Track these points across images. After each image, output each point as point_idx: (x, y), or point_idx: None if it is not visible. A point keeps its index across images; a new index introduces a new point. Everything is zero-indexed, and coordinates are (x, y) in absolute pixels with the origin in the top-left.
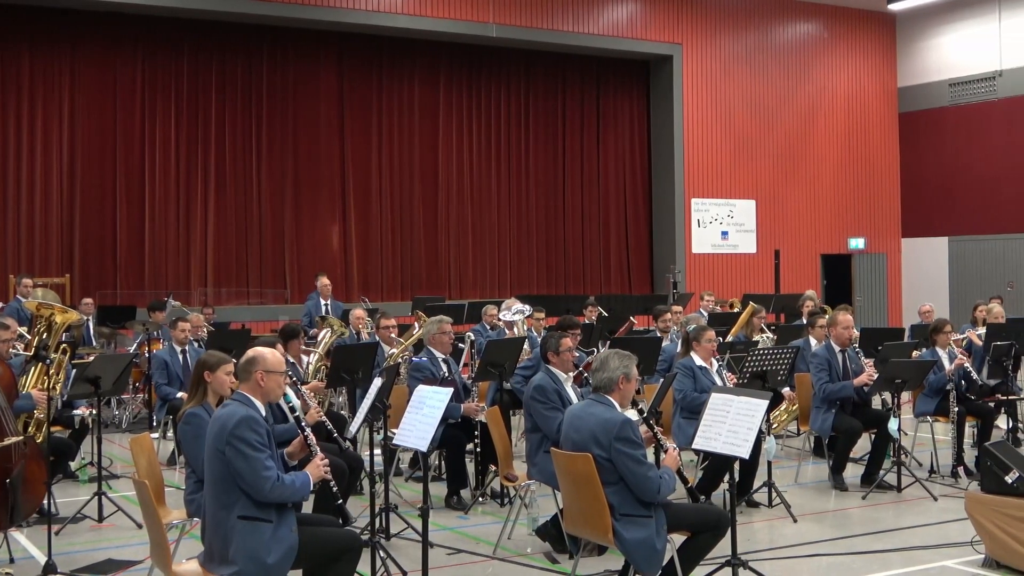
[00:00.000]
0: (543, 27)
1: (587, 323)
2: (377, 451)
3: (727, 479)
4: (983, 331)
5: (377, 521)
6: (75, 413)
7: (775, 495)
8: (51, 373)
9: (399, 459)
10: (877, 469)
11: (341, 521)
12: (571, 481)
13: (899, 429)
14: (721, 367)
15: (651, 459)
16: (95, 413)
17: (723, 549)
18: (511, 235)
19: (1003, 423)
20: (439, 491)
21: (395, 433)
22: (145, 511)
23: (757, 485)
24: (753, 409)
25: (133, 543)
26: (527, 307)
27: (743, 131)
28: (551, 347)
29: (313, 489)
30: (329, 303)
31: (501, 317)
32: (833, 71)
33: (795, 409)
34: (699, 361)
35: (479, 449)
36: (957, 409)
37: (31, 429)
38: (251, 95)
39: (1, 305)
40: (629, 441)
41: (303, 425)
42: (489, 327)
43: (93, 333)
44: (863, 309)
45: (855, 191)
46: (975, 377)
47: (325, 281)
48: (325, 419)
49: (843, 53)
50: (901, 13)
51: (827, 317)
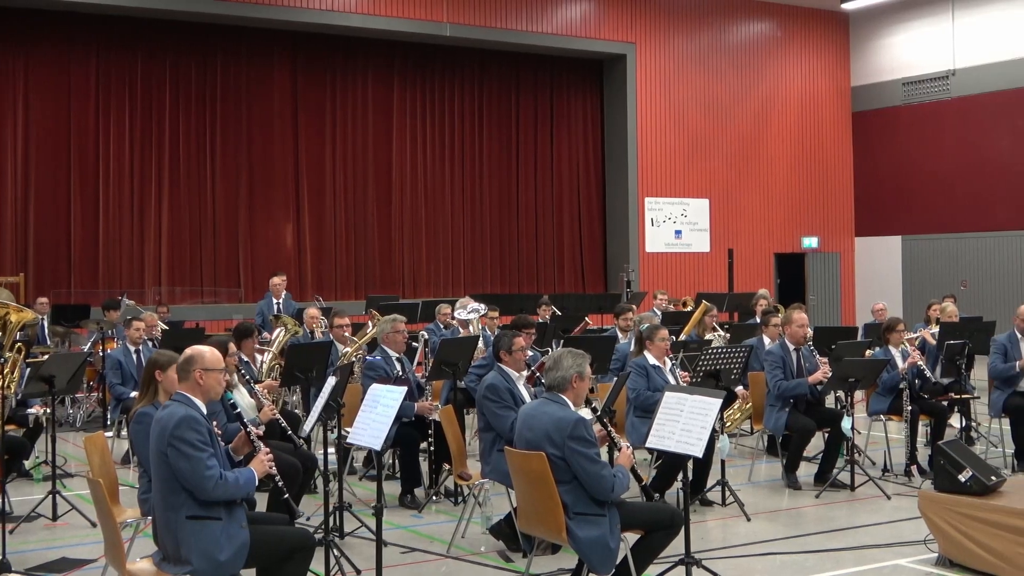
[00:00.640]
0: (497, 26)
1: (541, 322)
2: (331, 450)
3: (680, 478)
4: (936, 330)
5: (331, 520)
6: (29, 412)
7: (728, 494)
8: (5, 372)
9: (353, 458)
10: (830, 468)
11: (288, 515)
12: (525, 480)
13: (852, 428)
14: (674, 366)
15: (605, 458)
16: (49, 412)
17: (676, 548)
18: (465, 234)
19: (956, 422)
20: (393, 490)
21: (349, 432)
22: (99, 510)
23: (711, 484)
24: (706, 408)
25: (87, 542)
26: (481, 306)
27: (696, 130)
28: (503, 346)
29: (268, 488)
30: (281, 302)
31: (455, 316)
32: (786, 70)
33: (748, 408)
34: (652, 360)
35: (433, 448)
36: (910, 408)
37: None
38: (205, 94)
39: None
40: (583, 440)
41: (245, 421)
42: (443, 326)
43: (47, 332)
44: (816, 308)
45: (808, 190)
46: (929, 375)
47: (276, 280)
48: (279, 417)
49: (796, 52)
50: (854, 12)
51: (781, 315)
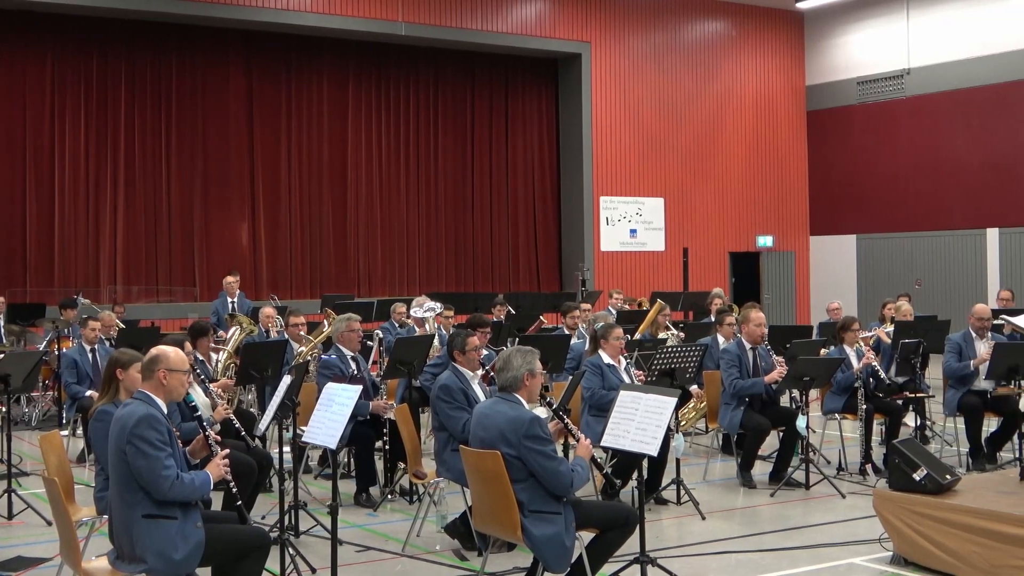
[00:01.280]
0: (452, 25)
1: (496, 321)
2: (286, 448)
3: (636, 476)
4: (891, 329)
5: (286, 518)
6: None
7: (683, 492)
8: None
9: (308, 456)
10: (785, 467)
11: (239, 521)
12: (480, 478)
13: (807, 427)
14: (629, 365)
15: (562, 453)
16: (4, 411)
17: (631, 546)
18: (420, 233)
19: (911, 420)
20: (348, 488)
21: (304, 431)
22: (55, 508)
23: (665, 482)
24: (661, 406)
25: (43, 540)
26: (436, 305)
27: (651, 129)
28: (457, 346)
29: (225, 490)
30: (236, 301)
31: (410, 315)
32: (741, 69)
33: (703, 406)
34: (607, 359)
35: (388, 447)
36: (865, 407)
37: None
38: (160, 94)
39: None
40: (538, 438)
41: (204, 424)
42: (398, 325)
43: (3, 331)
44: (771, 307)
45: (763, 189)
46: (883, 376)
47: (230, 279)
48: (233, 417)
49: (751, 51)
50: (809, 11)
51: (736, 314)
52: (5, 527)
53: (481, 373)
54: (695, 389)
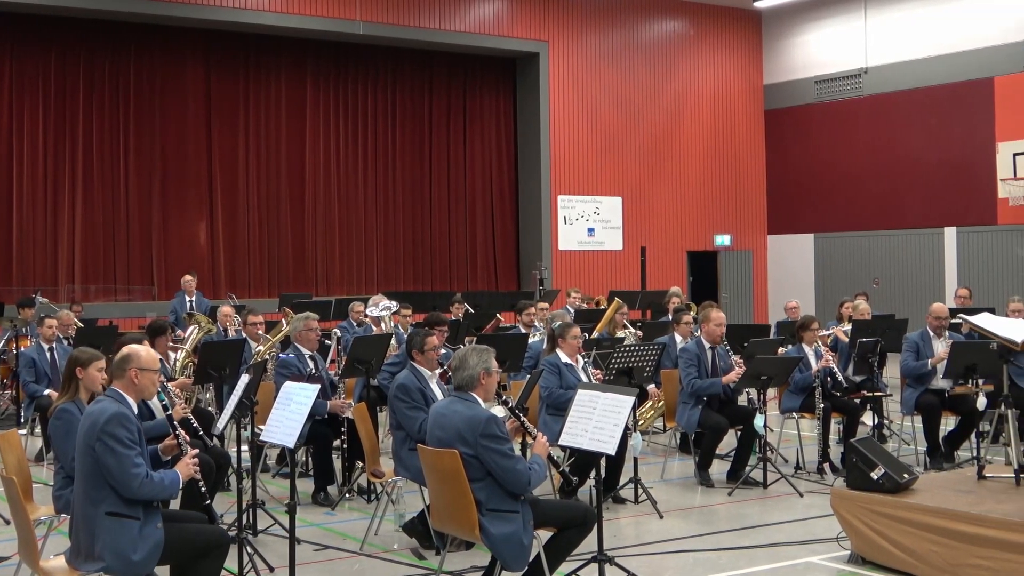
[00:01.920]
0: (410, 24)
1: (454, 320)
2: (244, 447)
3: (593, 475)
4: (849, 328)
5: (244, 517)
6: None
7: (641, 491)
8: None
9: (266, 455)
10: (743, 465)
11: (208, 521)
12: (438, 477)
13: (765, 425)
14: (587, 364)
15: (519, 452)
16: None
17: (589, 545)
18: (378, 232)
19: (869, 419)
20: (306, 487)
21: (262, 429)
22: (13, 507)
23: (623, 481)
24: (619, 405)
25: (1, 539)
26: (394, 304)
27: (609, 128)
28: (416, 345)
29: (194, 489)
30: (194, 299)
31: (368, 313)
32: (699, 68)
33: (661, 405)
34: (565, 358)
35: (346, 445)
36: (823, 405)
37: None
38: (118, 92)
39: None
40: (495, 437)
41: (175, 424)
42: (356, 324)
43: None
44: (729, 306)
45: (721, 188)
46: (840, 378)
47: (187, 277)
48: (190, 416)
49: (709, 50)
50: (767, 10)
51: (693, 313)
52: None
53: (439, 372)
54: (653, 388)
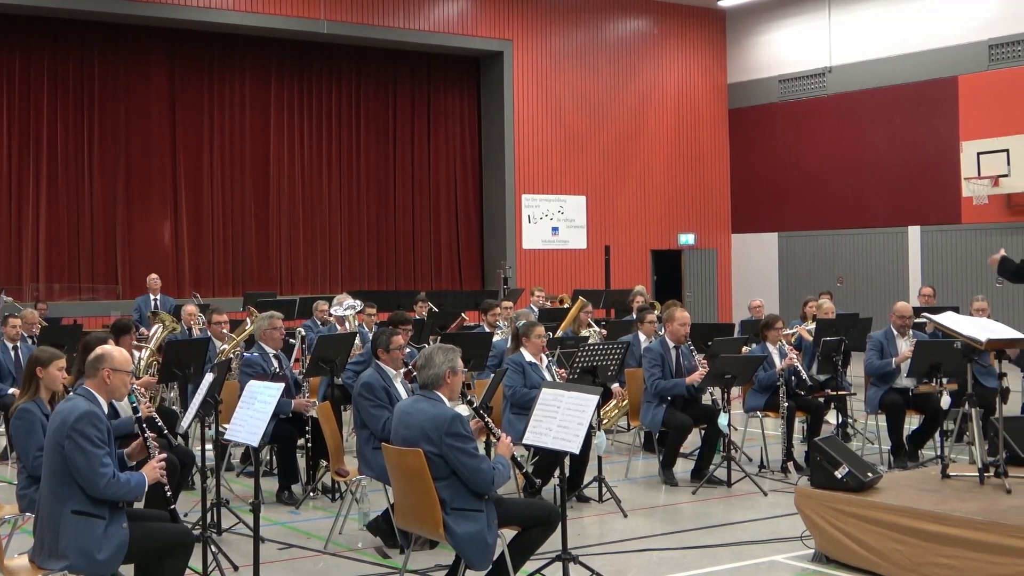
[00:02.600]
0: (374, 24)
1: (418, 319)
2: (208, 446)
3: (557, 474)
4: (813, 326)
5: (209, 516)
6: None
7: (605, 490)
8: None
9: (230, 454)
10: (707, 464)
11: (170, 516)
12: (402, 476)
13: (729, 424)
14: (551, 363)
15: (483, 451)
16: None
17: (553, 544)
18: (342, 231)
19: (833, 418)
20: (270, 486)
21: (226, 428)
22: None
23: (587, 480)
24: (583, 404)
25: None
26: (358, 303)
27: (574, 127)
28: (382, 344)
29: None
30: (159, 299)
31: (332, 312)
32: (663, 67)
33: (625, 404)
34: (529, 357)
35: (310, 444)
36: (787, 404)
37: None
38: (83, 91)
39: None
40: (459, 436)
41: (144, 426)
42: (320, 323)
43: None
44: (693, 304)
45: (685, 187)
46: (804, 376)
47: (153, 275)
48: (155, 415)
49: (673, 49)
50: (731, 9)
51: (658, 312)
52: None
53: (403, 371)
54: (617, 387)
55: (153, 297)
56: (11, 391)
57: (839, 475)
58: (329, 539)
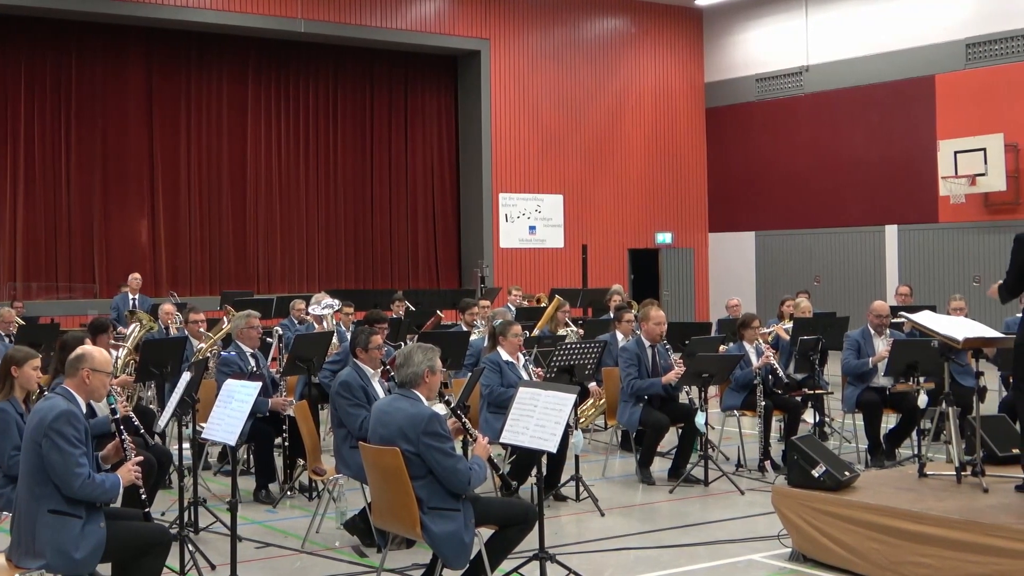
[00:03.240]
0: (351, 23)
1: (395, 318)
2: (186, 445)
3: (535, 473)
4: (789, 326)
5: (186, 515)
6: None
7: (583, 489)
8: None
9: (208, 453)
10: (684, 463)
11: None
12: (379, 475)
13: (706, 423)
14: (528, 362)
15: (460, 451)
16: None
17: (531, 543)
18: (320, 230)
19: (810, 417)
20: (247, 485)
21: (203, 427)
22: None
23: (565, 479)
24: (561, 403)
25: None
26: (335, 302)
27: (551, 126)
28: (360, 343)
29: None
30: (137, 298)
31: (309, 311)
32: (640, 66)
33: (602, 403)
34: (506, 356)
35: (287, 443)
36: (764, 403)
37: None
38: (60, 90)
39: None
40: (437, 435)
41: (121, 428)
42: (297, 321)
43: None
44: (670, 303)
45: (662, 186)
46: (781, 374)
47: (135, 274)
48: (132, 414)
49: (650, 48)
50: (708, 8)
51: (635, 311)
52: None
53: (381, 370)
54: (594, 386)
55: (132, 296)
56: None
57: (816, 474)
58: (306, 538)
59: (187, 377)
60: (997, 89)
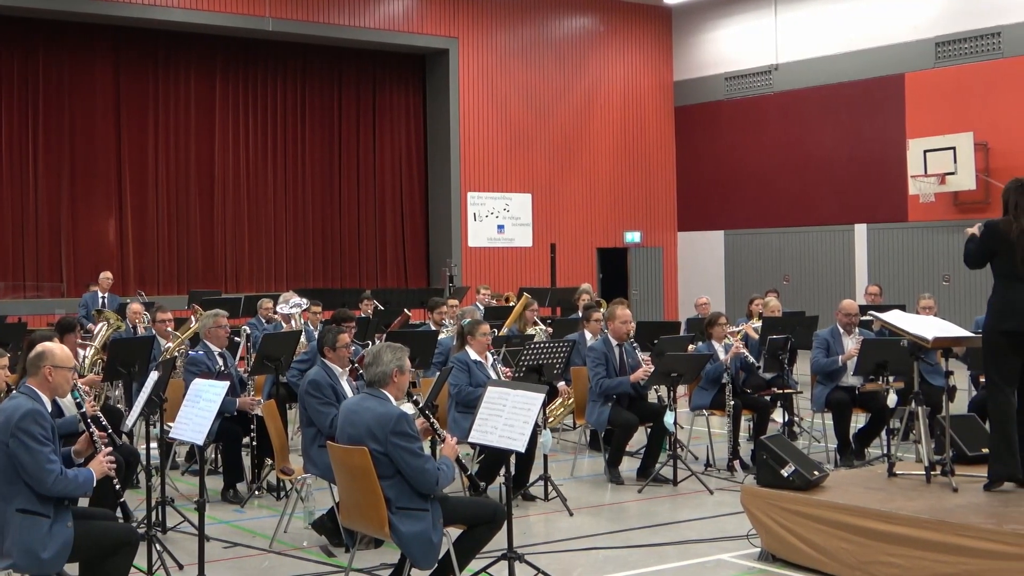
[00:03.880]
0: (319, 21)
1: (363, 317)
2: (153, 445)
3: (503, 472)
4: (758, 324)
5: (153, 515)
6: None
7: (551, 488)
8: None
9: (175, 453)
10: (653, 463)
11: (122, 517)
12: (347, 475)
13: (675, 422)
14: (497, 361)
15: (428, 451)
16: None
17: (499, 542)
18: (287, 229)
19: (779, 416)
20: (215, 485)
21: (171, 427)
22: None
23: (533, 478)
24: (529, 402)
25: None
26: (303, 301)
27: (519, 125)
28: (328, 342)
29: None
30: (107, 296)
31: (277, 311)
32: (609, 65)
33: (571, 403)
34: (474, 355)
35: (255, 443)
36: (733, 402)
37: None
38: (27, 88)
39: None
40: (405, 435)
41: (88, 422)
42: (265, 321)
43: None
44: (639, 302)
45: (631, 185)
46: (753, 361)
47: (107, 274)
48: (99, 413)
49: (619, 46)
50: (677, 7)
51: (603, 310)
52: None
53: (349, 369)
54: (562, 385)
55: (102, 294)
56: None
57: (785, 473)
58: (274, 538)
59: (155, 376)
60: (967, 88)
